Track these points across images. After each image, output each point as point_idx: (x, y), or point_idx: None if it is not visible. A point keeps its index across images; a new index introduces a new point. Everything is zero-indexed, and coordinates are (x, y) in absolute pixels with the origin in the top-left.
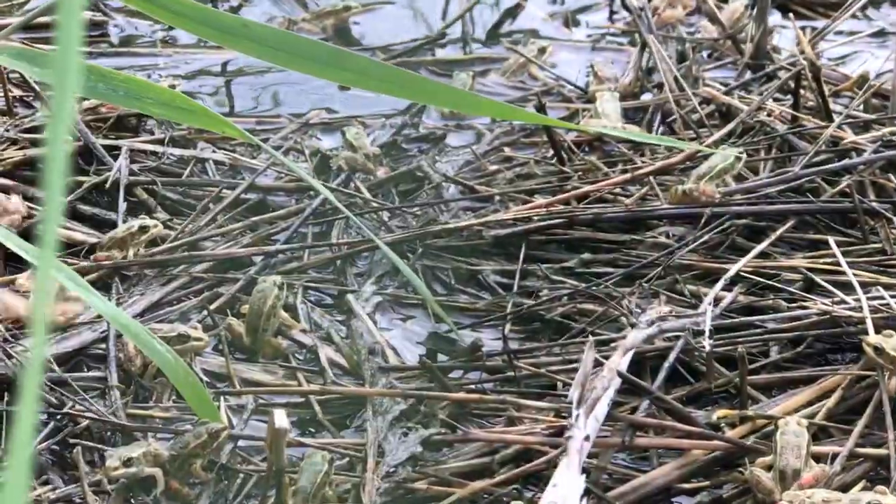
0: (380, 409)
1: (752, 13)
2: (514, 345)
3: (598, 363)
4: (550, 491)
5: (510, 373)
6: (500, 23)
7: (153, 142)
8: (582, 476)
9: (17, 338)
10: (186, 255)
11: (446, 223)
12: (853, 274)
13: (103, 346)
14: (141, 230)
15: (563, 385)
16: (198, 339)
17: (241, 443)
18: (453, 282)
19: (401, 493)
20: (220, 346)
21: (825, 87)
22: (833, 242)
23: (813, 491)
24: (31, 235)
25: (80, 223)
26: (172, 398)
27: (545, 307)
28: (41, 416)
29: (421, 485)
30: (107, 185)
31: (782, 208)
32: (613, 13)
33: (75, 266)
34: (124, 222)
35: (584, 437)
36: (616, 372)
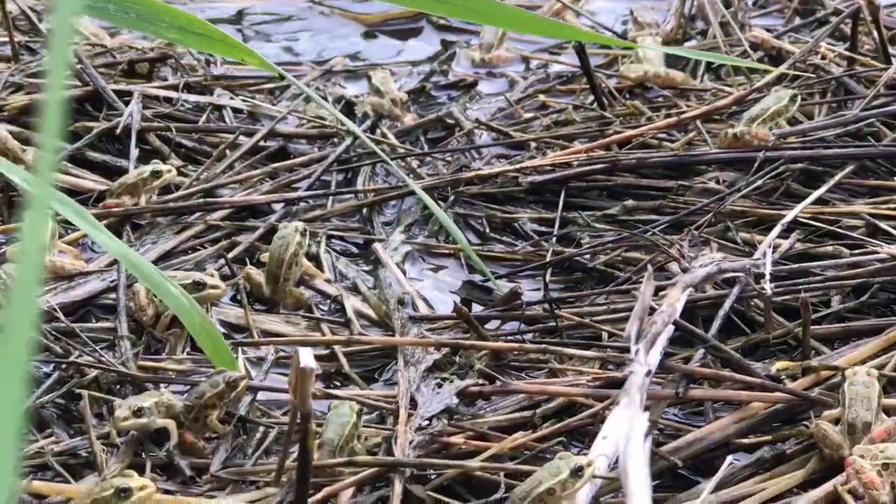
0: (411, 359)
1: None
2: (554, 295)
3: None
4: (600, 443)
5: (551, 323)
6: None
7: (167, 87)
8: (645, 414)
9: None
10: (202, 202)
11: (479, 170)
12: None
13: (113, 296)
14: (153, 175)
15: (609, 336)
16: (214, 287)
17: (260, 396)
18: (487, 230)
19: (435, 448)
20: (237, 297)
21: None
22: None
23: (886, 445)
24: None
25: (90, 170)
26: (187, 350)
27: (587, 256)
28: (45, 367)
29: (457, 439)
30: (117, 131)
31: (840, 152)
32: None
33: None
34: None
35: (646, 373)
36: (676, 308)
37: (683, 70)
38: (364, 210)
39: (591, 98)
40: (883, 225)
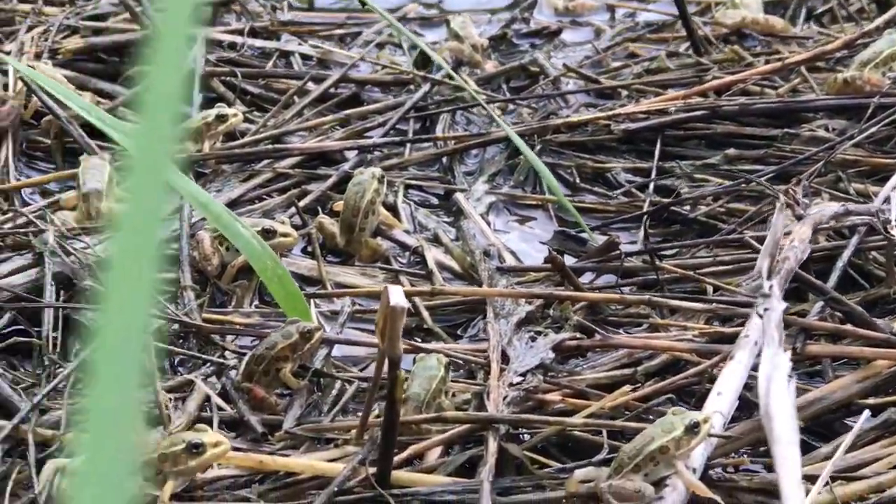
0: (501, 312)
1: None
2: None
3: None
4: (714, 399)
5: (651, 275)
6: None
7: (231, 32)
8: (788, 353)
9: (77, 234)
10: (271, 148)
11: (567, 117)
12: None
13: (175, 245)
14: (218, 120)
15: (715, 290)
16: (285, 235)
17: (335, 352)
18: (577, 181)
19: (530, 406)
20: (308, 248)
21: None
22: None
23: None
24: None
25: None
26: (255, 303)
27: (687, 207)
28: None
29: (553, 396)
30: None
31: None
32: None
33: None
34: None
35: (784, 310)
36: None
37: (783, 17)
38: (443, 159)
39: (684, 46)
40: None
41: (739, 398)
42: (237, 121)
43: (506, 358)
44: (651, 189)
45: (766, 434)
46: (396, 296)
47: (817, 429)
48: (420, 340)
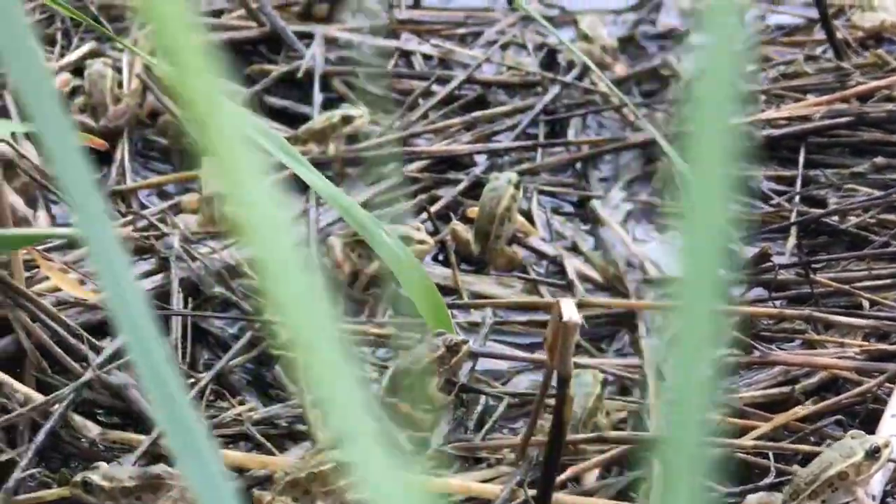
0: (652, 325)
1: None
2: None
3: None
4: (889, 422)
5: (805, 288)
6: None
7: (349, 30)
8: None
9: (201, 238)
10: (398, 151)
11: None
12: None
13: (303, 252)
14: (344, 121)
15: (872, 305)
16: (422, 242)
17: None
18: None
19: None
20: (439, 256)
21: None
22: None
23: None
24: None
25: (270, 117)
26: (389, 313)
27: (835, 217)
28: (231, 328)
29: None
30: (299, 75)
31: None
32: None
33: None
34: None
35: None
36: None
37: None
38: (577, 164)
39: (819, 49)
40: None
41: None
42: (362, 122)
43: (661, 374)
44: (798, 198)
45: None
46: (569, 310)
47: None
48: None
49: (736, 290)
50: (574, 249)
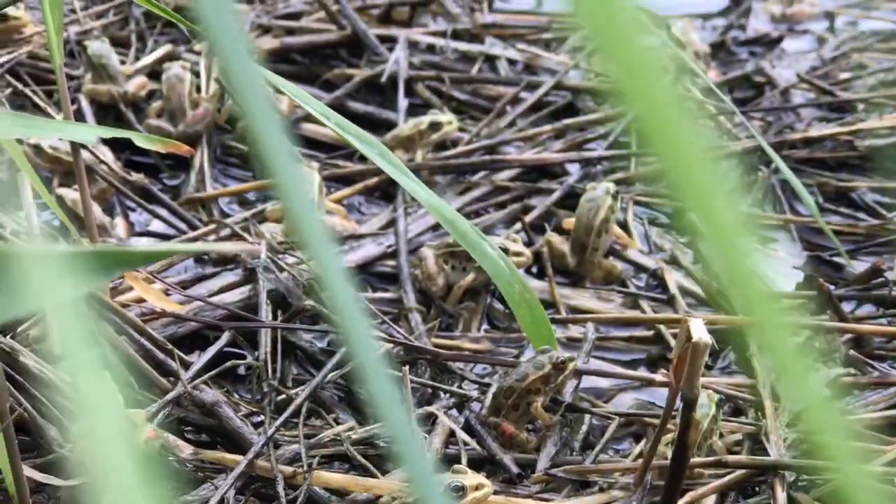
0: (762, 343)
1: None
2: None
3: None
4: None
5: None
6: None
7: (432, 34)
8: None
9: (287, 249)
10: (487, 159)
11: (805, 131)
12: None
13: (391, 262)
14: (432, 128)
15: None
16: (518, 254)
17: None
18: (820, 200)
19: (808, 448)
20: (533, 268)
21: None
22: None
23: None
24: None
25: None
26: (484, 327)
27: None
28: (320, 342)
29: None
30: (382, 80)
31: None
32: None
33: (347, 170)
34: (405, 123)
35: None
36: None
37: None
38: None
39: None
40: None
41: None
42: (452, 129)
43: (776, 395)
44: None
45: None
46: (698, 330)
47: None
48: (667, 370)
49: (847, 307)
50: (673, 262)
